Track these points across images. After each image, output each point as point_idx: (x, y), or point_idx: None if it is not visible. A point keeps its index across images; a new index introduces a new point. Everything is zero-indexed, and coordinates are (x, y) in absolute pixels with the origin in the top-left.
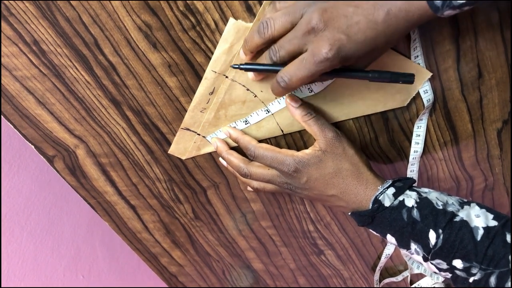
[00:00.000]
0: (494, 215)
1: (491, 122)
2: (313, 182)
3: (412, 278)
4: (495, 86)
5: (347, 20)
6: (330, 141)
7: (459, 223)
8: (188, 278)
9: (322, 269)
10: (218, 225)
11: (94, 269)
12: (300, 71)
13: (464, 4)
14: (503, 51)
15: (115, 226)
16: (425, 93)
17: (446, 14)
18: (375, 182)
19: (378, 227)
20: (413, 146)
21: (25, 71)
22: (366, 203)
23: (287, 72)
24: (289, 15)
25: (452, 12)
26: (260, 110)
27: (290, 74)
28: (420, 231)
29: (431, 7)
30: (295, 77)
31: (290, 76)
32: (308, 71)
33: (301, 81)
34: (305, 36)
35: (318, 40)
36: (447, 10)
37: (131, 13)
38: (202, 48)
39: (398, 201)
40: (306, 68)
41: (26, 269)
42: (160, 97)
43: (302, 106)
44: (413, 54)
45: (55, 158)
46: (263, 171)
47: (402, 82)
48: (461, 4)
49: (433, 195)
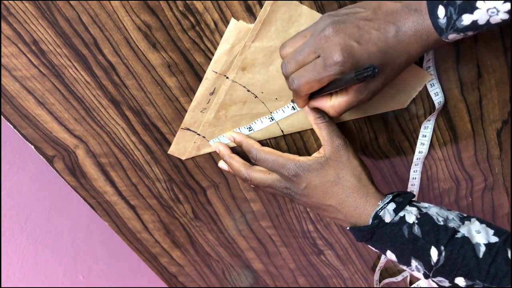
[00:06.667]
0: (495, 231)
1: (491, 122)
2: (312, 189)
3: (411, 278)
4: (495, 86)
5: (359, 30)
6: (336, 149)
7: (461, 239)
8: (188, 278)
9: (322, 269)
10: (218, 225)
11: (94, 269)
12: (310, 73)
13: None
14: (503, 51)
15: (115, 226)
16: (436, 95)
17: (451, 38)
18: (376, 197)
19: (377, 243)
20: (418, 146)
21: (25, 71)
22: (365, 218)
23: (297, 74)
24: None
25: (457, 36)
26: (265, 118)
27: (299, 75)
28: (421, 248)
29: (436, 29)
30: (303, 79)
31: (299, 77)
32: (317, 74)
33: (309, 84)
34: (317, 43)
35: (330, 45)
36: (452, 32)
37: (130, 13)
38: (201, 48)
39: (399, 217)
40: (315, 70)
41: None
42: (159, 97)
43: (318, 108)
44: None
45: (55, 158)
46: (263, 176)
47: (366, 73)
48: (465, 27)
49: (433, 210)
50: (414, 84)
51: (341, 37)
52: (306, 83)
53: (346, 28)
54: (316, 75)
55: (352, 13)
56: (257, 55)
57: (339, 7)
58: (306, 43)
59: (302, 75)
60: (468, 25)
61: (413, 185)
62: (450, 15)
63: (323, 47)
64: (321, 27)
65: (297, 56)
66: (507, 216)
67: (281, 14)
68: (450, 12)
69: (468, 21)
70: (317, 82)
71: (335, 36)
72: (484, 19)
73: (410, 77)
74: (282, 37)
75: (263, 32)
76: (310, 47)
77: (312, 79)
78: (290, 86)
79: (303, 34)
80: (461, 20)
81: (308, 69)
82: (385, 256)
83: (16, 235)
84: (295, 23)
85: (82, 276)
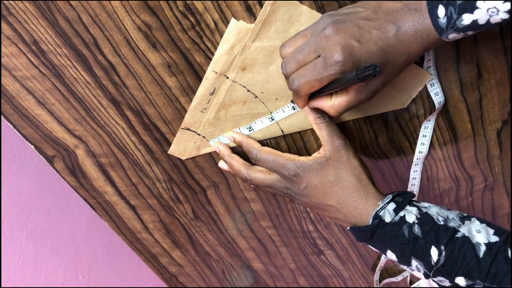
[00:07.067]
0: (495, 230)
1: (491, 122)
2: (312, 189)
3: (412, 278)
4: (495, 86)
5: (360, 30)
6: (336, 149)
7: (461, 239)
8: (188, 278)
9: (322, 269)
10: (218, 225)
11: (94, 269)
12: (310, 73)
13: (468, 27)
14: (503, 51)
15: (115, 226)
16: (436, 95)
17: (451, 38)
18: (376, 197)
19: (377, 243)
20: (418, 146)
21: (25, 71)
22: (365, 218)
23: (298, 74)
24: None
25: (457, 36)
26: (265, 118)
27: (299, 75)
28: (421, 248)
29: (436, 28)
30: (304, 79)
31: (299, 77)
32: (318, 74)
33: (310, 84)
34: (317, 43)
35: (330, 45)
36: (452, 32)
37: (130, 13)
38: (201, 48)
39: (399, 216)
40: (316, 70)
41: (26, 269)
42: (159, 97)
43: (318, 109)
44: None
45: (55, 158)
46: (263, 176)
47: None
48: (465, 27)
49: (433, 210)
50: (414, 84)
51: (341, 36)
52: (307, 83)
53: (347, 27)
54: (316, 74)
55: (352, 13)
56: (257, 55)
57: (339, 7)
58: (306, 42)
59: (303, 75)
60: (468, 24)
61: (413, 185)
62: (450, 14)
63: (323, 46)
64: (321, 27)
65: (297, 56)
66: (507, 216)
67: (281, 14)
68: (450, 12)
69: (468, 21)
70: (318, 82)
71: (336, 36)
72: (484, 18)
73: (410, 77)
74: (282, 37)
75: (263, 32)
76: (310, 46)
77: (313, 79)
78: (290, 86)
79: (303, 34)
80: (461, 19)
81: (309, 69)
82: (385, 256)
83: (16, 235)
84: (295, 23)
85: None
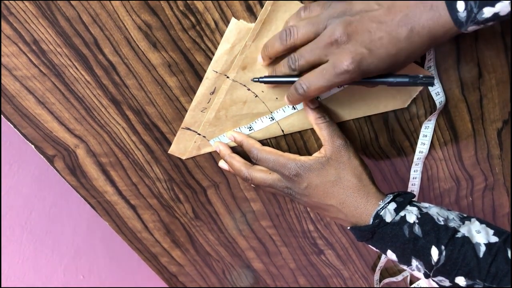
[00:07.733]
0: (495, 231)
1: (491, 122)
2: (313, 189)
3: (412, 278)
4: (495, 86)
5: (370, 35)
6: (337, 149)
7: (461, 239)
8: (188, 278)
9: (322, 269)
10: (218, 224)
11: (94, 269)
12: (320, 81)
13: (488, 20)
14: (503, 50)
15: (115, 226)
16: (437, 95)
17: (470, 30)
18: (377, 197)
19: (378, 243)
20: (418, 146)
21: (25, 71)
22: (366, 218)
23: (307, 80)
24: (313, 25)
25: (476, 27)
26: (265, 117)
27: (309, 82)
28: (422, 248)
29: (455, 23)
30: (313, 86)
31: (309, 84)
32: (327, 82)
33: (318, 90)
34: (327, 48)
35: (340, 52)
36: (472, 25)
37: (131, 13)
38: (202, 48)
39: (400, 216)
40: (326, 78)
41: (26, 269)
42: (160, 96)
43: (318, 109)
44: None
45: (55, 157)
46: (264, 175)
47: (421, 84)
48: (486, 19)
49: (434, 210)
50: None
51: (352, 44)
52: (316, 89)
53: (358, 33)
54: (325, 82)
55: (365, 11)
56: (258, 55)
57: None
58: (317, 43)
59: (311, 81)
60: (489, 17)
61: (414, 185)
62: (470, 9)
63: (334, 52)
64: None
65: (307, 56)
66: (507, 216)
67: (282, 14)
68: (470, 6)
69: (489, 14)
70: (327, 88)
71: (346, 43)
72: (506, 10)
73: None
74: None
75: (264, 31)
76: (320, 49)
77: (322, 86)
78: (298, 91)
79: (318, 6)
80: (482, 13)
81: (317, 76)
82: (385, 255)
83: (16, 235)
84: None
85: (82, 276)
